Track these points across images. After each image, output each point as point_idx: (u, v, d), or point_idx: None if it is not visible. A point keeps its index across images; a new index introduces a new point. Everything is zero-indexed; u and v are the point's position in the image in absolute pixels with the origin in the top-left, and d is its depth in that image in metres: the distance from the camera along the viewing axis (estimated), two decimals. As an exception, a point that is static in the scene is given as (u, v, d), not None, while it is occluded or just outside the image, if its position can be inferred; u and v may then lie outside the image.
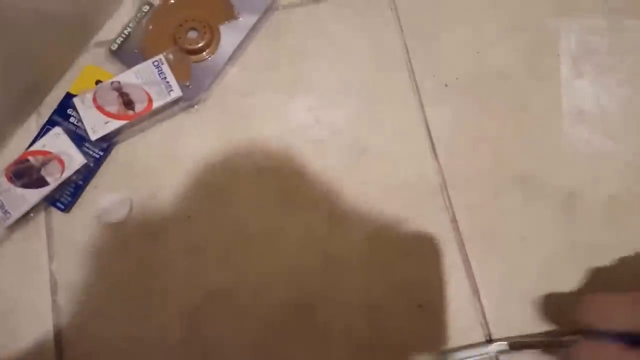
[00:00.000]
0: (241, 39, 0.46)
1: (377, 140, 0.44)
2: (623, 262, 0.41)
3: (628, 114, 0.44)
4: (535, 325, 0.40)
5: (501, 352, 0.37)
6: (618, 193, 0.42)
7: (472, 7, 0.47)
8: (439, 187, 0.43)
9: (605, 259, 0.41)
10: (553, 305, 0.40)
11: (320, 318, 0.41)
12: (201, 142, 0.45)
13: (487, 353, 0.38)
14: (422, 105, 0.45)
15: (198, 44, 0.45)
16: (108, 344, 0.42)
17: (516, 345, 0.37)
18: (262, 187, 0.44)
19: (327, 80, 0.46)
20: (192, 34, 0.45)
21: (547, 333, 0.40)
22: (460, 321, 0.41)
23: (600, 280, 0.41)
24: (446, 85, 0.45)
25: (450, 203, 0.43)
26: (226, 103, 0.46)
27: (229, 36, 0.46)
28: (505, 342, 0.37)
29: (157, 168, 0.45)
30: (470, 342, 0.40)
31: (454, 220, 0.42)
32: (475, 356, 0.39)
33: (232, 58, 0.46)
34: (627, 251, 0.41)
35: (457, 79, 0.45)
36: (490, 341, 0.39)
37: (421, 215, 0.43)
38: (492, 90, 0.45)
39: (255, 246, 0.43)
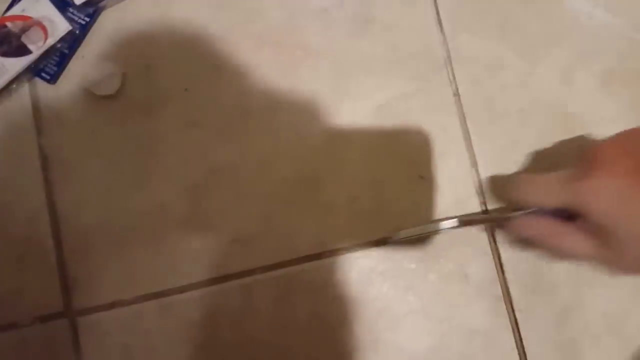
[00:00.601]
0: None
1: (382, 10, 0.43)
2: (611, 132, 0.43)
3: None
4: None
5: (452, 227, 0.38)
6: (616, 66, 0.43)
7: None
8: (444, 61, 0.43)
9: (599, 130, 0.43)
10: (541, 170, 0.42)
11: (324, 191, 0.42)
12: (197, 6, 0.42)
13: (440, 228, 0.39)
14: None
15: None
16: (107, 219, 0.41)
17: (464, 222, 0.39)
18: (263, 60, 0.42)
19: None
20: None
21: (498, 209, 0.41)
22: (459, 191, 0.42)
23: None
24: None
25: (454, 76, 0.43)
26: None
27: None
28: (456, 219, 0.38)
29: (149, 36, 0.42)
30: (466, 211, 0.42)
31: (456, 94, 0.43)
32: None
33: None
34: (620, 124, 0.43)
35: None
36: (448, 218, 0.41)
37: (424, 89, 0.43)
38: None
39: (256, 121, 0.42)
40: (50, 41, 0.41)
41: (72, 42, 0.42)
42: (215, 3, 0.43)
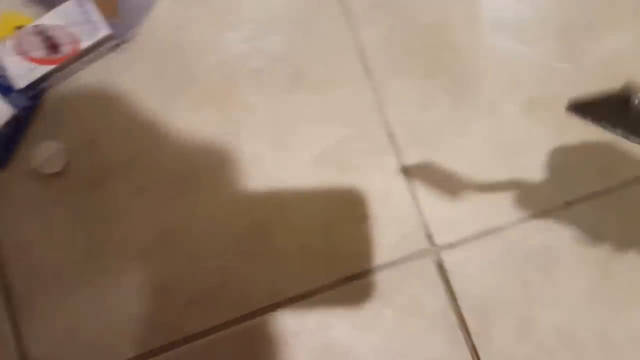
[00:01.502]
0: None
1: (313, 65, 0.46)
2: (542, 154, 0.45)
3: (541, 20, 0.48)
4: (471, 219, 0.44)
5: None
6: (537, 94, 0.46)
7: None
8: (377, 105, 0.45)
9: (528, 153, 0.45)
10: (483, 200, 0.44)
11: (276, 240, 0.43)
12: (136, 80, 0.44)
13: None
14: (354, 26, 0.46)
15: (121, -22, 0.44)
16: (64, 295, 0.41)
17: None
18: (204, 121, 0.44)
19: (260, 9, 0.46)
20: (115, -32, 0.44)
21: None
22: (404, 227, 0.44)
23: (526, 172, 0.45)
24: (375, 6, 0.47)
25: (387, 119, 0.45)
26: (159, 38, 0.45)
27: None
28: None
29: (92, 111, 0.44)
30: (415, 244, 0.43)
31: (391, 134, 0.45)
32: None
33: None
34: (547, 146, 0.45)
35: None
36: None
37: (360, 134, 0.45)
38: (416, 7, 0.47)
39: (203, 180, 0.43)
40: (-5, 127, 0.42)
41: (17, 125, 0.43)
42: (155, 72, 0.45)
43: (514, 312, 0.42)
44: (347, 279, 0.42)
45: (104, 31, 0.42)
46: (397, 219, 0.43)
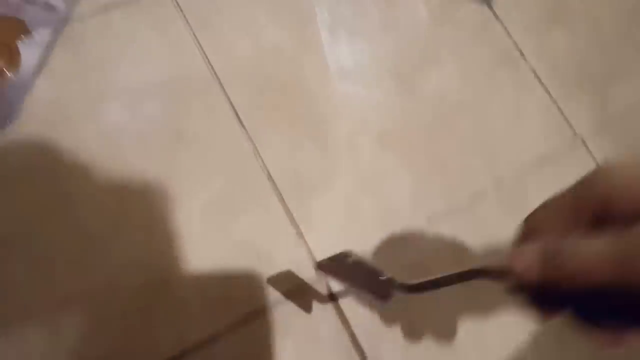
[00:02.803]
0: (40, 52, 0.47)
1: (189, 122, 0.50)
2: (397, 178, 0.52)
3: (377, 65, 0.56)
4: (349, 244, 0.48)
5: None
6: (388, 128, 0.54)
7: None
8: (252, 152, 0.50)
9: (387, 182, 0.52)
10: (355, 225, 0.50)
11: (175, 290, 0.45)
12: (22, 158, 0.45)
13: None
14: (221, 84, 0.51)
15: (-3, 65, 0.45)
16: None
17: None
18: (95, 188, 0.46)
19: (133, 78, 0.50)
20: (-12, 56, 0.45)
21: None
22: (293, 260, 0.48)
23: (387, 196, 0.52)
24: (237, 65, 0.52)
25: (264, 163, 0.50)
26: (39, 116, 0.47)
27: (28, 52, 0.47)
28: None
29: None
30: (305, 274, 0.47)
31: (270, 177, 0.50)
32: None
33: (36, 73, 0.47)
34: (403, 173, 0.53)
35: (244, 59, 0.52)
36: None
37: (241, 180, 0.49)
38: (273, 63, 0.53)
39: (98, 245, 0.45)
40: None
41: None
42: (41, 147, 0.46)
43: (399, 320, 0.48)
44: (246, 318, 0.45)
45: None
46: (288, 259, 0.48)
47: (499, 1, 0.62)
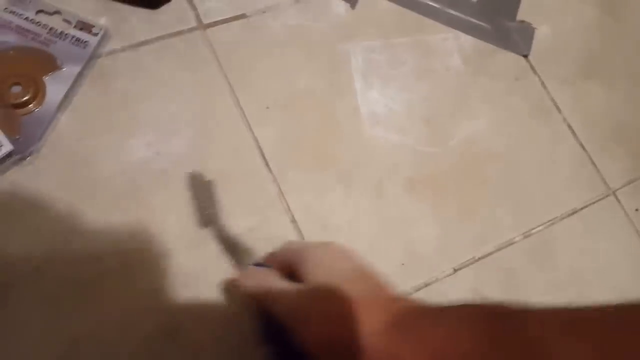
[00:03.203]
0: (67, 87, 0.47)
1: (216, 162, 0.49)
2: (424, 226, 0.52)
3: (409, 112, 0.56)
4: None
5: None
6: (414, 174, 0.53)
7: (278, 43, 0.55)
8: (277, 195, 0.50)
9: (413, 228, 0.51)
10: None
11: (188, 337, 0.44)
12: (40, 191, 0.45)
13: None
14: (250, 127, 0.51)
15: (23, 97, 0.45)
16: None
17: None
18: (112, 225, 0.46)
19: (160, 116, 0.50)
20: (16, 89, 0.46)
21: None
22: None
23: (413, 243, 0.51)
24: (267, 108, 0.52)
25: (289, 206, 0.50)
26: (61, 150, 0.47)
27: (55, 86, 0.47)
28: None
29: (-5, 223, 0.44)
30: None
31: (293, 220, 0.49)
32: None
33: (61, 107, 0.47)
34: (429, 219, 0.52)
35: (275, 101, 0.53)
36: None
37: (265, 222, 0.49)
38: (304, 107, 0.53)
39: (111, 284, 0.44)
40: None
41: None
42: (60, 182, 0.46)
43: None
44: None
45: (5, 148, 0.43)
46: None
47: (536, 52, 0.62)
